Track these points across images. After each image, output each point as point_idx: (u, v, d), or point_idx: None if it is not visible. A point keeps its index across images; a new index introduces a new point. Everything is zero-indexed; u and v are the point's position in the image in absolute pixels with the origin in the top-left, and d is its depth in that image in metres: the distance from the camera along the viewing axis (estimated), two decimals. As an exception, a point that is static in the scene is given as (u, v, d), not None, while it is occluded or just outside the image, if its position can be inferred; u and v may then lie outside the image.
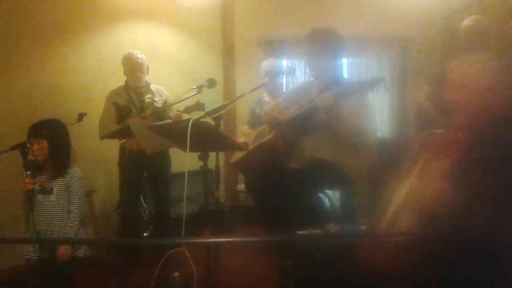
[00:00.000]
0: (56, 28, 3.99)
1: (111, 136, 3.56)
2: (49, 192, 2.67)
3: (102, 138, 3.57)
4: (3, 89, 3.70)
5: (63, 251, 2.57)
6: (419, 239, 1.51)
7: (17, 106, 3.71)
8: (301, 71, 5.06)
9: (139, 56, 3.62)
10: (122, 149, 3.69)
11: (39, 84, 3.87)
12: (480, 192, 1.40)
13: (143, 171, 3.78)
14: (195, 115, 2.60)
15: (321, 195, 2.83)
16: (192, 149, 2.32)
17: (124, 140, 3.62)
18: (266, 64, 3.90)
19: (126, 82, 3.69)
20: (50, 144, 2.68)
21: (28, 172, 2.56)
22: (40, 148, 2.65)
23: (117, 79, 3.84)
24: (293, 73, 4.69)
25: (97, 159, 3.97)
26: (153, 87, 3.74)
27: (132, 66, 3.61)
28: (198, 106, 2.80)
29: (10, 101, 3.72)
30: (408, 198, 1.64)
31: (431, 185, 1.52)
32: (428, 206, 1.49)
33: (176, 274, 2.90)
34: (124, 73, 3.67)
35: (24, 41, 3.79)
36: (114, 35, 4.35)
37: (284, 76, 4.24)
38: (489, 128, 1.54)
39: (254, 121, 3.99)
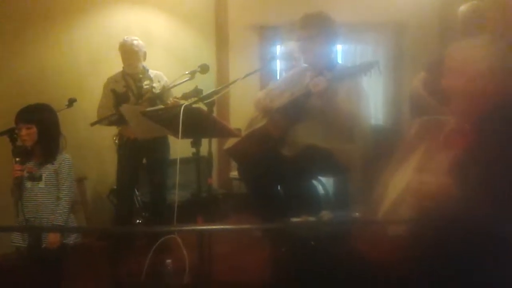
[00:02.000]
0: (48, 13, 3.91)
1: (105, 123, 3.52)
2: (38, 179, 2.61)
3: (93, 124, 3.52)
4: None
5: (52, 238, 2.53)
6: (415, 230, 1.48)
7: (7, 91, 3.64)
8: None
9: (134, 42, 3.57)
10: (121, 136, 3.66)
11: (30, 69, 3.80)
12: (487, 187, 1.34)
13: (141, 158, 3.76)
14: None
15: (315, 182, 2.82)
16: (185, 135, 2.29)
17: (121, 127, 3.59)
18: (286, 47, 3.76)
19: (123, 68, 3.64)
20: (39, 129, 2.61)
21: (17, 159, 2.52)
22: (28, 134, 2.59)
23: (110, 65, 3.80)
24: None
25: (89, 146, 3.93)
26: (152, 72, 3.70)
27: (127, 53, 3.57)
28: (196, 92, 2.77)
29: (0, 88, 3.65)
30: (407, 191, 1.58)
31: (433, 179, 1.47)
32: (429, 201, 1.44)
33: (168, 261, 2.89)
34: (121, 60, 3.62)
35: (14, 26, 3.71)
36: (107, 20, 4.28)
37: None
38: (488, 114, 1.50)
39: None
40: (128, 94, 3.58)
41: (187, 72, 2.91)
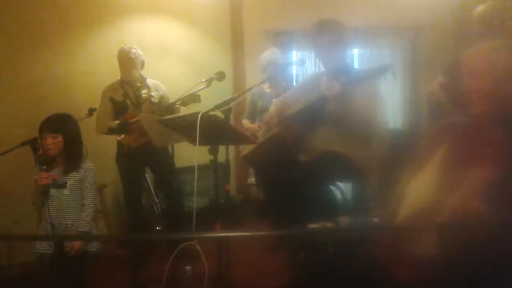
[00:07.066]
0: (65, 23, 4.00)
1: (110, 132, 3.56)
2: (62, 186, 2.65)
3: (100, 134, 3.57)
4: (12, 85, 3.71)
5: (78, 244, 2.58)
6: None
7: (26, 102, 3.72)
8: (311, 63, 5.00)
9: (132, 50, 3.60)
10: (120, 145, 3.67)
11: (48, 80, 3.88)
12: None
13: (143, 167, 3.77)
14: (193, 108, 2.58)
15: (332, 187, 2.80)
16: (202, 142, 2.30)
17: (122, 136, 3.60)
18: (268, 54, 3.80)
19: (121, 76, 3.66)
20: (65, 138, 2.67)
21: (44, 167, 2.56)
22: (54, 142, 2.64)
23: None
24: (302, 64, 4.62)
25: (108, 154, 3.97)
26: (150, 81, 3.71)
27: (124, 61, 3.59)
28: (194, 98, 2.79)
29: (19, 97, 3.73)
30: (429, 209, 1.51)
31: (461, 203, 1.38)
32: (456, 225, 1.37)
33: (188, 268, 2.90)
34: (119, 67, 3.65)
35: (33, 37, 3.80)
36: (123, 29, 4.35)
37: (293, 67, 4.17)
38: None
39: (255, 114, 3.93)
40: (127, 102, 3.59)
41: (203, 80, 2.93)
